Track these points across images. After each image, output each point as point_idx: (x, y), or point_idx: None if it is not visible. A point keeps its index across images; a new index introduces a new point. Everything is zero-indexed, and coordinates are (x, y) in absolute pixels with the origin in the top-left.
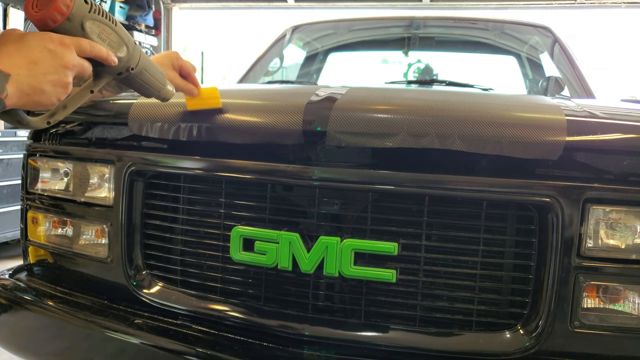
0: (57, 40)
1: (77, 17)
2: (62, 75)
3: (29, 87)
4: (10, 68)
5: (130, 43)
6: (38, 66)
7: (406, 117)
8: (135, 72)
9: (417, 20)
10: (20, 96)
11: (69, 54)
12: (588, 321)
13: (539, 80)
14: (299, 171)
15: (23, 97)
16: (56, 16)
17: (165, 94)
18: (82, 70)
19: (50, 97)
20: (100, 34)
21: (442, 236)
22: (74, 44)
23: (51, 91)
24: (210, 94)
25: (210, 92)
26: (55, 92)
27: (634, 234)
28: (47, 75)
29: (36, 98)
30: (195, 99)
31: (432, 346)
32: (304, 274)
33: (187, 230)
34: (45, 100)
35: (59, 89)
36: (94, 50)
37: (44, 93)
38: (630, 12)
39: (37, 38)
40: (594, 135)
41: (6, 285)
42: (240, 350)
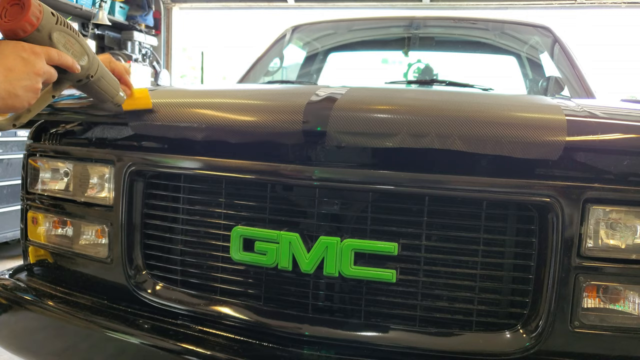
0: (29, 49)
1: (46, 28)
2: (33, 81)
3: (5, 92)
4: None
5: (90, 52)
6: (13, 73)
7: (406, 117)
8: (94, 79)
9: (417, 20)
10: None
11: (40, 62)
12: (588, 321)
13: (539, 80)
14: (299, 171)
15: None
16: (27, 27)
17: (118, 100)
18: (50, 77)
19: (22, 101)
20: (66, 43)
21: (442, 236)
22: (44, 53)
23: (24, 96)
24: (140, 94)
25: (140, 93)
26: (27, 96)
27: (634, 234)
28: (21, 81)
29: (10, 102)
30: (129, 99)
31: (432, 346)
32: (304, 274)
33: (187, 230)
34: (18, 104)
35: (31, 93)
36: (62, 59)
37: (17, 97)
38: (630, 12)
39: (11, 47)
40: (594, 135)
41: (6, 285)
42: (240, 350)
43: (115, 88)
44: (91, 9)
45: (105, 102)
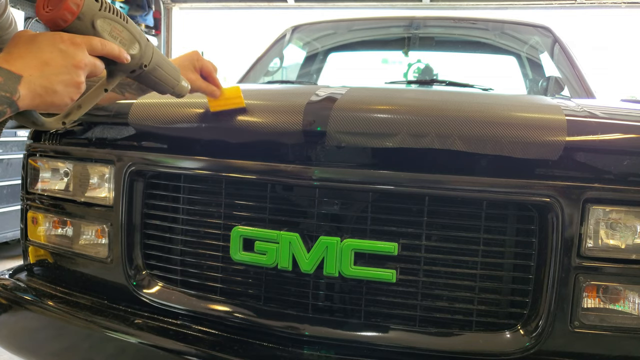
0: (68, 40)
1: (88, 16)
2: (74, 75)
3: (41, 88)
4: (22, 69)
5: (142, 40)
6: (50, 67)
7: (406, 117)
8: (148, 69)
9: (417, 20)
10: (33, 97)
11: (80, 53)
12: (588, 321)
13: (539, 80)
14: (299, 171)
15: (36, 98)
16: (66, 15)
17: (179, 90)
18: (94, 69)
19: (63, 98)
20: (112, 31)
21: (442, 236)
22: (85, 43)
23: (63, 91)
24: (233, 93)
25: (233, 92)
26: (67, 92)
27: (634, 234)
28: (59, 76)
29: (49, 99)
30: (218, 100)
31: (432, 346)
32: (304, 274)
33: (187, 230)
34: (58, 100)
35: (71, 88)
36: (106, 49)
37: (56, 93)
38: (630, 12)
39: (48, 38)
40: (594, 135)
41: (6, 285)
42: (240, 350)
43: (175, 77)
44: None
45: (165, 93)
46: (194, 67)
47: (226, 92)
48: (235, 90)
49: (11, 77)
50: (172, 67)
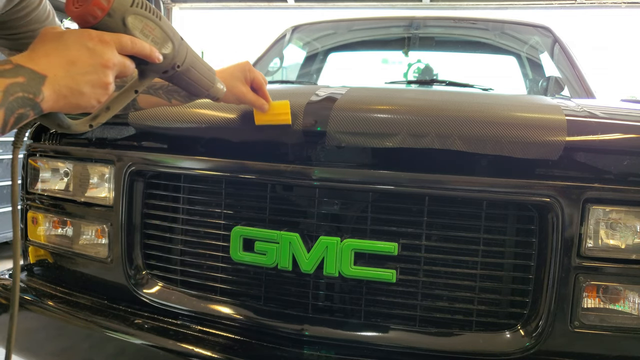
0: (96, 38)
1: (119, 12)
2: (101, 75)
3: (66, 89)
4: (47, 69)
5: (176, 39)
6: (76, 66)
7: (406, 117)
8: (181, 69)
9: (417, 20)
10: (58, 99)
11: (108, 52)
12: (588, 321)
13: (539, 80)
14: (299, 171)
15: (60, 99)
16: (96, 12)
17: (215, 93)
18: (124, 69)
19: (90, 99)
20: (143, 29)
21: (442, 236)
22: (114, 41)
23: (90, 92)
24: (281, 109)
25: (281, 108)
26: (94, 93)
27: (634, 234)
28: (86, 76)
29: (74, 100)
30: (265, 114)
31: (432, 346)
32: (304, 274)
33: (187, 230)
34: (84, 102)
35: (99, 89)
36: (136, 47)
37: (82, 95)
38: (630, 12)
39: (76, 35)
40: (594, 135)
41: (6, 285)
42: (240, 350)
43: (210, 79)
44: None
45: (199, 96)
46: (245, 78)
47: (274, 107)
48: (284, 106)
49: (35, 77)
50: (207, 68)
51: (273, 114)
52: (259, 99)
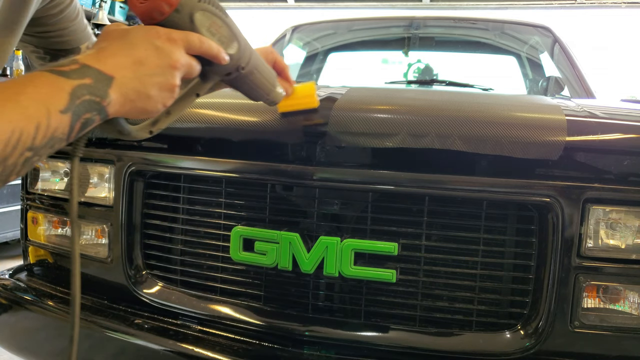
0: (164, 36)
1: (187, 8)
2: (169, 76)
3: (133, 92)
4: (114, 69)
5: (241, 38)
6: (144, 66)
7: (406, 117)
8: (245, 72)
9: (417, 20)
10: (124, 102)
11: (177, 52)
12: (588, 321)
13: (539, 80)
14: (299, 171)
15: (127, 103)
16: (164, 7)
17: (274, 97)
18: (190, 70)
19: (156, 103)
20: (210, 27)
21: (442, 236)
22: (183, 40)
23: (157, 96)
24: (306, 92)
25: (306, 90)
26: (161, 96)
27: (634, 234)
28: (154, 77)
29: (141, 104)
30: (288, 99)
31: (432, 346)
32: (304, 274)
33: (187, 230)
34: (150, 106)
35: (166, 93)
36: (204, 47)
37: (149, 99)
38: (630, 12)
39: (143, 33)
40: (594, 135)
41: (6, 285)
42: (240, 350)
43: (271, 82)
44: (91, 9)
45: (258, 100)
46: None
47: (299, 91)
48: (308, 88)
49: (102, 79)
50: (269, 70)
51: (297, 98)
52: (283, 83)
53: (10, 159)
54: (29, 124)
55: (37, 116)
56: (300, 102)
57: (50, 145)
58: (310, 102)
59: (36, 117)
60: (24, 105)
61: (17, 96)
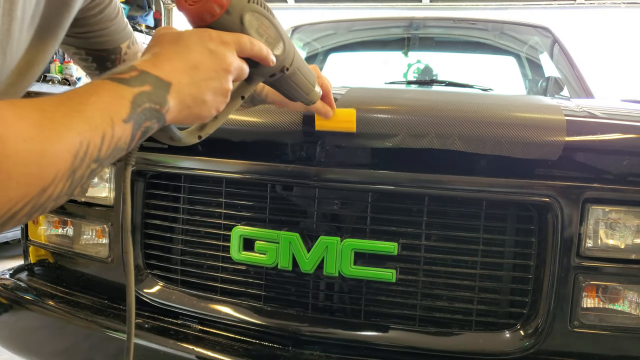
0: (217, 38)
1: (237, 9)
2: (223, 81)
3: (190, 98)
4: (171, 75)
5: (286, 38)
6: (199, 71)
7: (406, 118)
8: (289, 73)
9: (416, 21)
10: (181, 109)
11: (230, 55)
12: (587, 321)
13: (538, 80)
14: (299, 171)
15: (184, 110)
16: (215, 9)
17: (312, 98)
18: (241, 73)
19: (210, 109)
20: (259, 28)
21: (442, 236)
22: (235, 42)
23: (212, 101)
24: (347, 117)
25: (347, 115)
26: (215, 101)
27: (634, 233)
28: (209, 82)
29: (196, 110)
30: (329, 121)
31: (432, 346)
32: (304, 274)
33: (187, 230)
34: (205, 112)
35: (220, 97)
36: (255, 49)
37: (204, 104)
38: (630, 12)
39: (196, 36)
40: (594, 135)
41: (7, 285)
42: (240, 350)
43: (311, 82)
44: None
45: (297, 100)
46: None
47: (339, 114)
48: (349, 114)
49: (160, 85)
50: (309, 69)
51: (337, 121)
52: (324, 106)
53: (78, 171)
54: (95, 135)
55: (103, 127)
56: (338, 125)
57: (113, 155)
58: (350, 127)
59: (102, 127)
60: (89, 115)
61: (82, 106)
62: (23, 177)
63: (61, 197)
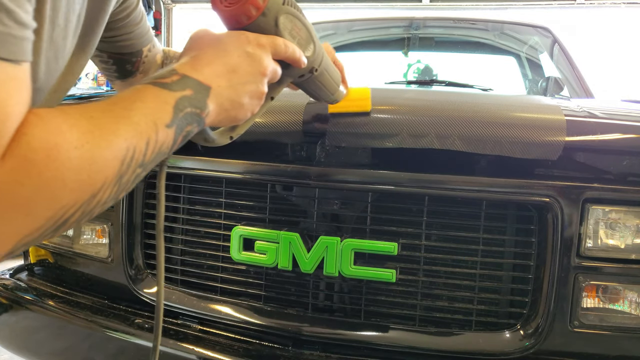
0: (254, 41)
1: (272, 12)
2: (259, 84)
3: (228, 102)
4: (211, 79)
5: (316, 39)
6: (237, 74)
7: (406, 117)
8: (317, 73)
9: (416, 21)
10: (219, 112)
11: (266, 58)
12: (587, 321)
13: (538, 80)
14: (299, 171)
15: (222, 113)
16: (251, 11)
17: (337, 97)
18: (275, 76)
19: (246, 112)
20: (292, 30)
21: (442, 236)
22: (270, 45)
23: (248, 104)
24: (360, 95)
25: (360, 94)
26: (251, 104)
27: (634, 233)
28: (246, 86)
29: (234, 113)
30: (343, 100)
31: (432, 346)
32: (304, 274)
33: (187, 230)
34: (241, 115)
35: (255, 100)
36: (289, 52)
37: (242, 107)
38: (630, 12)
39: (234, 39)
40: (594, 135)
41: (7, 285)
42: (240, 350)
43: (337, 82)
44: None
45: (322, 100)
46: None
47: (353, 93)
48: (363, 92)
49: (201, 89)
50: (334, 69)
51: (351, 100)
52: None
53: (125, 176)
54: (140, 140)
55: (147, 132)
56: (353, 104)
57: (156, 160)
58: (364, 105)
59: (146, 133)
60: (135, 121)
61: (127, 112)
62: (76, 184)
63: (108, 202)
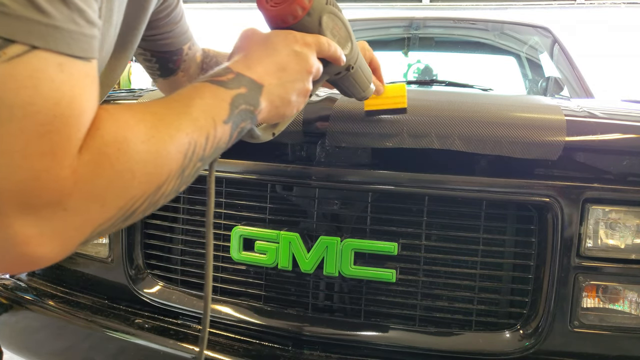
0: (300, 40)
1: (317, 11)
2: (306, 82)
3: (278, 99)
4: (263, 77)
5: (353, 37)
6: (286, 73)
7: (406, 117)
8: (353, 71)
9: (416, 21)
10: (270, 110)
11: (312, 56)
12: (587, 321)
13: (538, 80)
14: (299, 171)
15: (272, 110)
16: (297, 11)
17: (368, 94)
18: (318, 74)
19: (293, 109)
20: (333, 29)
21: (442, 236)
22: (315, 44)
23: (295, 101)
24: (396, 92)
25: (397, 91)
26: (297, 102)
27: (634, 233)
28: (294, 83)
29: (282, 111)
30: (377, 97)
31: (432, 346)
32: (304, 274)
33: (187, 230)
34: (289, 112)
35: (302, 98)
36: (331, 50)
37: (290, 105)
38: (630, 12)
39: (282, 38)
40: (594, 135)
41: (7, 285)
42: (240, 350)
43: (369, 79)
44: None
45: (353, 97)
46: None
47: (389, 90)
48: (399, 89)
49: (254, 87)
50: (367, 66)
51: (387, 97)
52: (375, 81)
53: (187, 170)
54: (200, 135)
55: (207, 127)
56: (389, 101)
57: (214, 155)
58: (400, 102)
59: (206, 128)
60: (195, 117)
61: (187, 108)
62: (144, 176)
63: (171, 194)
